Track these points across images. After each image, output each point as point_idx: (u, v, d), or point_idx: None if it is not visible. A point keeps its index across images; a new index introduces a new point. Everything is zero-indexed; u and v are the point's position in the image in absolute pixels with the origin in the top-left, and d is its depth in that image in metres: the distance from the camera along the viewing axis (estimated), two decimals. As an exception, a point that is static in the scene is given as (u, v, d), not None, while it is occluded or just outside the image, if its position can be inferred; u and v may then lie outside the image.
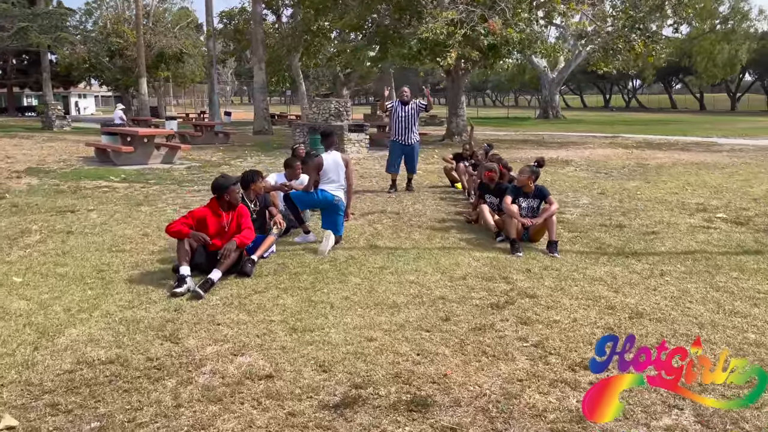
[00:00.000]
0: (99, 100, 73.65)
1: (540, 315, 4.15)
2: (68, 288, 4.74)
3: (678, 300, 4.47)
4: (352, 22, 20.85)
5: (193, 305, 4.37)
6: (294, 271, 5.22)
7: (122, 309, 4.29)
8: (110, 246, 6.05)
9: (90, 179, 11.06)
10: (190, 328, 3.96)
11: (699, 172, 12.13)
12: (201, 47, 45.50)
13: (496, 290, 4.69)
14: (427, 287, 4.75)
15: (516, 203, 6.23)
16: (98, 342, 3.74)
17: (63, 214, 7.72)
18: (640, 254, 5.78)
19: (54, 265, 5.35)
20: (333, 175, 6.23)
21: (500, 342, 3.71)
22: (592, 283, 4.85)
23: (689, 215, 7.70)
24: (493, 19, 17.16)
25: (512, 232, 5.96)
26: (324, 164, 6.22)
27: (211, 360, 3.51)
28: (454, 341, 3.72)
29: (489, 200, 6.93)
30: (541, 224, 6.00)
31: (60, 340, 3.77)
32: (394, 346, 3.63)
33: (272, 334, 3.86)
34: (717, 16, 45.65)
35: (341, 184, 6.28)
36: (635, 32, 18.73)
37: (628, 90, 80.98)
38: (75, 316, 4.17)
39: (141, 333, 3.87)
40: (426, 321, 4.04)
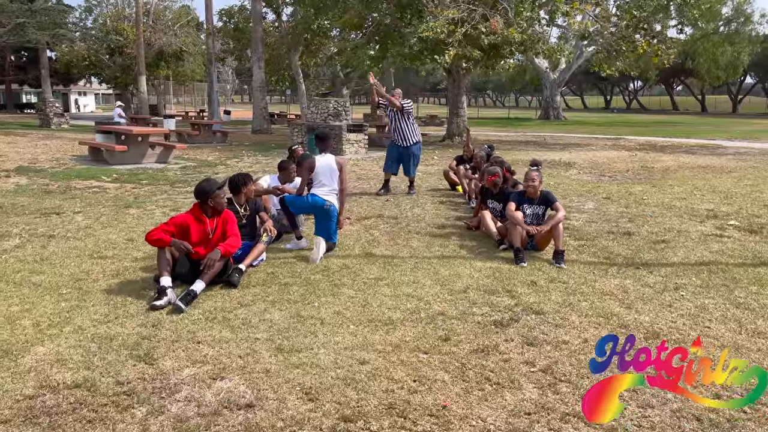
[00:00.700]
0: (99, 98, 73.34)
1: (547, 335, 3.83)
2: (41, 299, 4.42)
3: (696, 318, 4.15)
4: (353, 21, 20.52)
5: (172, 320, 4.05)
6: (284, 281, 4.90)
7: (96, 324, 3.97)
8: (92, 252, 5.73)
9: (81, 179, 10.75)
10: (168, 346, 3.64)
11: (706, 176, 11.80)
12: (201, 45, 45.16)
13: (500, 305, 4.37)
14: (425, 301, 4.43)
15: (520, 210, 5.91)
16: (66, 362, 3.42)
17: (47, 216, 7.40)
18: (651, 265, 5.46)
19: (29, 273, 5.04)
20: (324, 179, 5.91)
21: (505, 366, 3.39)
22: (603, 298, 4.53)
23: (700, 222, 7.38)
24: (494, 18, 16.84)
25: (516, 240, 5.63)
26: (316, 167, 5.90)
27: (188, 384, 3.19)
28: (454, 365, 3.40)
29: (492, 206, 6.61)
30: (547, 232, 5.68)
31: (24, 360, 3.46)
32: (389, 371, 3.31)
33: (256, 354, 3.54)
34: (720, 18, 45.32)
35: (333, 188, 5.96)
36: (639, 32, 18.41)
37: (629, 91, 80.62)
38: (44, 331, 3.85)
39: (113, 352, 3.55)
40: (424, 341, 3.72)
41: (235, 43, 33.03)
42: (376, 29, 21.54)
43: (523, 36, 17.22)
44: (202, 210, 4.79)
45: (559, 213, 5.70)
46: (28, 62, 47.23)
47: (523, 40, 17.33)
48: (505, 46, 17.63)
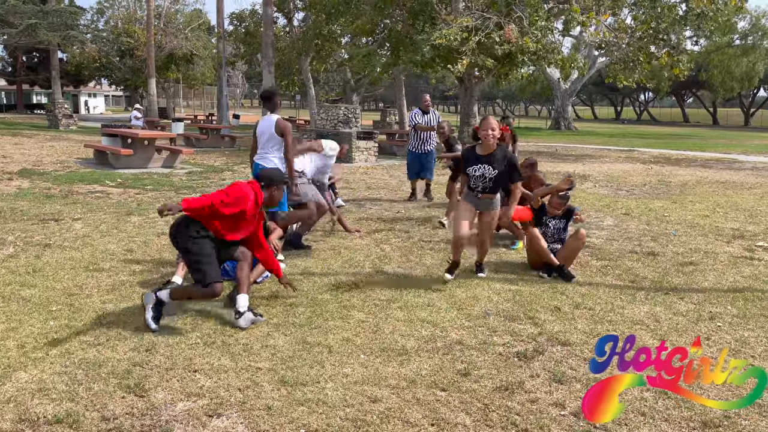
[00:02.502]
0: (109, 100, 73.51)
1: (576, 370, 3.50)
2: (29, 316, 4.12)
3: (737, 353, 3.80)
4: (365, 27, 20.32)
5: (168, 344, 3.74)
6: (289, 301, 4.58)
7: (85, 346, 3.66)
8: (88, 264, 5.44)
9: (84, 183, 10.50)
10: (161, 375, 3.33)
11: (726, 192, 11.42)
12: (212, 49, 45.14)
13: (522, 334, 4.04)
14: (441, 327, 4.10)
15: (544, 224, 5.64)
16: (48, 392, 3.11)
17: (45, 222, 7.13)
18: (681, 290, 5.11)
19: (20, 286, 4.74)
20: (263, 142, 5.63)
21: (532, 408, 3.05)
22: (633, 328, 4.19)
23: (726, 242, 7.02)
24: (509, 27, 16.55)
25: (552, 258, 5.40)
26: (257, 129, 5.64)
27: (181, 422, 2.88)
28: (476, 406, 3.06)
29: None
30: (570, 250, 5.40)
31: (5, 388, 3.15)
32: (404, 412, 2.98)
33: (257, 387, 3.22)
34: (736, 31, 44.88)
35: (275, 153, 5.63)
36: (657, 44, 18.07)
37: (639, 102, 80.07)
38: (29, 354, 3.55)
39: (101, 381, 3.24)
40: (441, 375, 3.39)
41: (246, 47, 32.89)
42: (388, 36, 21.32)
43: (538, 45, 16.92)
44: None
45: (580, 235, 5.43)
46: (39, 63, 47.31)
47: (537, 49, 17.03)
48: (519, 56, 17.34)
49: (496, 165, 4.92)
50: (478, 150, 5.02)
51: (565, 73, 27.81)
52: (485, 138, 4.90)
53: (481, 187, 5.01)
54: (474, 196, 5.08)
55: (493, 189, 5.03)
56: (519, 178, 5.08)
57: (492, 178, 4.95)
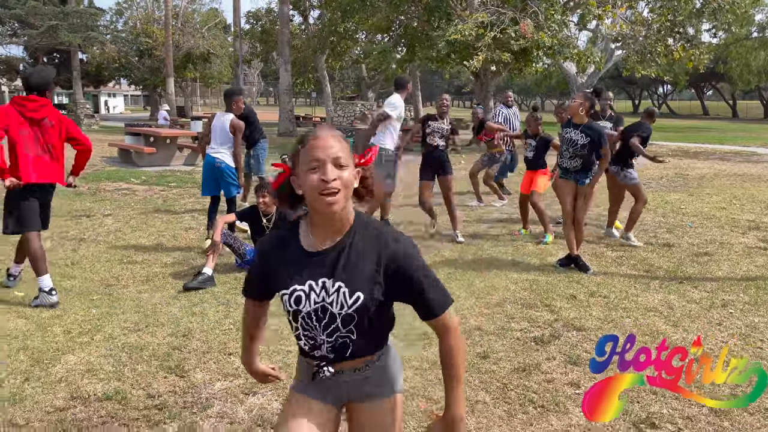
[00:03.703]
0: (128, 99, 74.44)
1: (591, 353, 3.66)
2: (72, 305, 4.38)
3: (747, 338, 3.95)
4: (380, 24, 20.49)
5: (203, 329, 3.97)
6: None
7: (126, 332, 3.91)
8: (122, 256, 5.70)
9: (110, 181, 10.81)
10: (198, 358, 3.56)
11: (744, 185, 11.45)
12: (228, 48, 45.56)
13: (539, 320, 4.21)
14: (461, 315, 4.29)
15: None
16: (96, 373, 3.36)
17: (78, 219, 7.42)
18: (695, 279, 5.24)
19: (60, 278, 5.01)
20: (216, 137, 6.09)
21: (548, 388, 3.23)
22: (647, 314, 4.34)
23: (742, 234, 7.11)
24: (524, 22, 16.62)
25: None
26: (213, 123, 6.17)
27: (219, 399, 3.10)
28: (495, 385, 3.25)
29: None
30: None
31: (55, 369, 3.40)
32: (427, 390, 3.18)
33: (289, 368, 3.43)
34: (754, 23, 44.31)
35: (226, 146, 6.06)
36: (674, 36, 18.03)
37: (658, 95, 79.32)
38: (75, 339, 3.80)
39: (144, 362, 3.48)
40: (462, 357, 3.58)
41: (262, 45, 33.25)
42: (404, 32, 21.46)
43: (553, 40, 16.97)
44: None
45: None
46: (59, 64, 48.05)
47: (553, 44, 17.08)
48: (535, 51, 17.40)
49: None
50: None
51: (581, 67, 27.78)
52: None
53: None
54: None
55: None
56: None
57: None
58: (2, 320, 4.07)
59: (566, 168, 5.58)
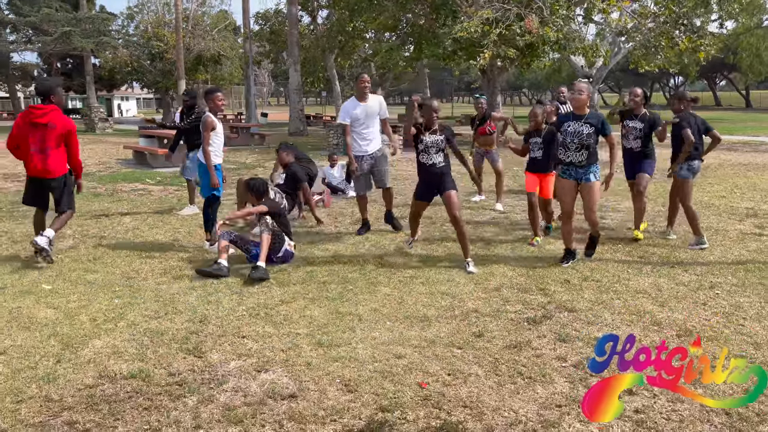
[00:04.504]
0: (141, 102, 75.25)
1: (580, 332, 3.92)
2: (96, 296, 4.70)
3: (730, 316, 4.17)
4: (387, 23, 20.72)
5: (218, 316, 4.27)
6: (322, 279, 5.08)
7: (147, 319, 4.21)
8: (140, 252, 6.02)
9: (127, 182, 11.18)
10: (214, 341, 3.86)
11: (747, 174, 11.59)
12: (239, 49, 45.99)
13: (533, 303, 4.46)
14: (459, 299, 4.55)
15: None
16: (122, 355, 3.66)
17: (98, 218, 7.75)
18: (687, 264, 5.47)
19: (84, 272, 5.34)
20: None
21: (537, 361, 3.49)
22: (636, 296, 4.58)
23: (739, 221, 7.30)
24: (530, 17, 16.78)
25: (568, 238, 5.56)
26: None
27: (234, 376, 3.39)
28: (487, 360, 3.52)
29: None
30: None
31: (84, 352, 3.71)
32: (424, 365, 3.45)
33: (298, 348, 3.72)
34: (765, 11, 43.94)
35: None
36: (678, 28, 18.10)
37: (669, 87, 78.80)
38: (100, 326, 4.11)
39: (165, 345, 3.78)
40: (458, 337, 3.85)
41: (271, 46, 33.59)
42: (411, 30, 21.68)
43: (559, 35, 17.12)
44: None
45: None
46: (73, 69, 48.79)
47: (558, 38, 17.23)
48: (541, 45, 17.56)
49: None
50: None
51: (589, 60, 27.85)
52: None
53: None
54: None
55: None
56: None
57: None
58: (33, 310, 4.39)
59: (570, 162, 5.38)
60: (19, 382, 3.32)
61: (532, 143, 6.27)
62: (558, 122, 5.63)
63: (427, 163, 5.46)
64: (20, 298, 4.64)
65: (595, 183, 5.39)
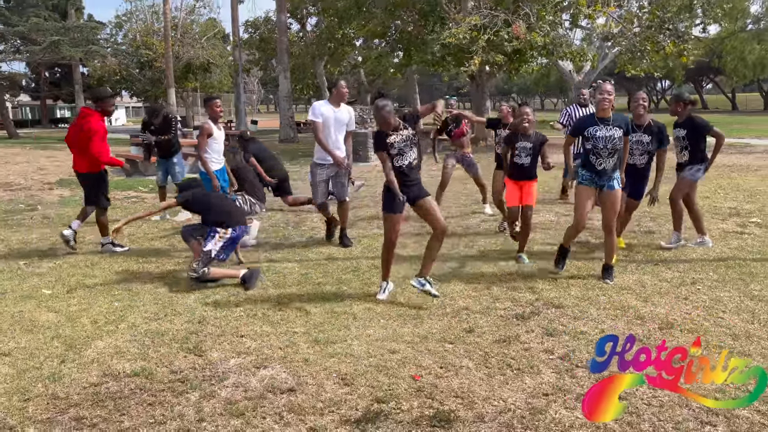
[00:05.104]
0: (130, 111, 75.07)
1: (566, 326, 4.07)
2: (96, 299, 4.81)
3: (710, 309, 4.35)
4: (376, 30, 20.94)
5: (216, 316, 4.39)
6: (317, 281, 5.21)
7: (147, 321, 4.33)
8: (137, 257, 6.13)
9: (120, 190, 11.25)
10: (214, 340, 3.98)
11: (731, 175, 11.83)
12: (228, 57, 46.08)
13: (521, 300, 4.62)
14: (450, 297, 4.70)
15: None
16: (124, 354, 3.78)
17: (93, 225, 7.82)
18: (670, 262, 5.65)
19: (83, 277, 5.44)
20: None
21: (525, 354, 3.64)
22: (621, 293, 4.74)
23: (722, 220, 7.51)
24: (517, 23, 17.05)
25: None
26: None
27: (234, 372, 3.51)
28: (478, 353, 3.66)
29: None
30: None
31: (87, 352, 3.82)
32: (417, 359, 3.59)
33: (295, 346, 3.85)
34: (749, 15, 44.63)
35: None
36: (663, 33, 18.44)
37: (656, 91, 79.64)
38: (102, 328, 4.22)
39: (165, 345, 3.90)
40: (449, 333, 3.99)
41: (261, 53, 33.74)
42: (400, 37, 21.91)
43: (546, 40, 17.39)
44: None
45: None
46: (61, 78, 48.77)
47: (545, 43, 17.51)
48: (528, 51, 17.83)
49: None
50: None
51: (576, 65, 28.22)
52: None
53: None
54: None
55: None
56: None
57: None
58: (35, 314, 4.49)
59: (603, 169, 5.00)
60: (25, 382, 3.43)
61: (519, 148, 5.70)
62: (578, 126, 5.19)
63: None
64: (21, 303, 4.75)
65: (618, 190, 5.08)
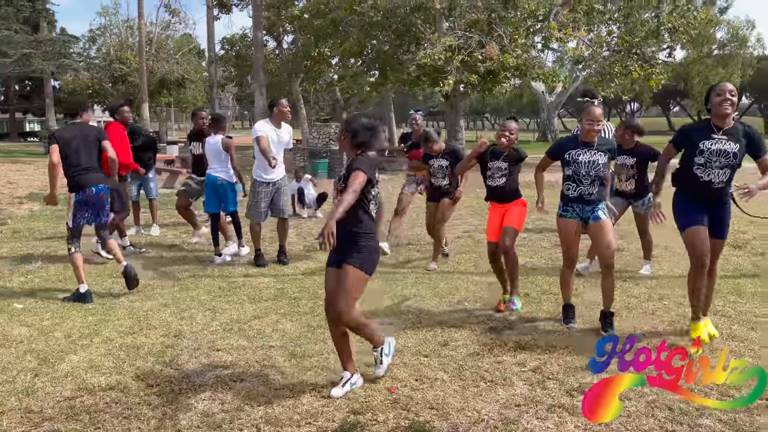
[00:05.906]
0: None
1: (538, 340, 4.17)
2: (69, 314, 4.77)
3: (675, 324, 4.50)
4: (352, 49, 21.11)
5: (192, 330, 4.39)
6: (293, 296, 5.25)
7: (123, 335, 4.31)
8: (111, 271, 6.08)
9: (91, 204, 11.11)
10: (190, 354, 3.98)
11: (697, 195, 12.17)
12: (202, 73, 45.92)
13: (495, 315, 4.71)
14: (426, 312, 4.77)
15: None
16: (99, 368, 3.76)
17: (64, 240, 7.74)
18: (638, 278, 5.81)
19: (55, 291, 5.39)
20: (212, 160, 6.70)
21: (498, 367, 3.72)
22: (590, 308, 4.87)
23: (687, 238, 7.73)
24: (490, 45, 17.39)
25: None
26: (205, 148, 6.82)
27: (211, 386, 3.52)
28: (452, 366, 3.73)
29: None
30: None
31: (61, 366, 3.79)
32: (393, 372, 3.65)
33: (271, 359, 3.87)
34: (715, 42, 46.16)
35: (223, 167, 6.70)
36: (632, 57, 18.97)
37: (626, 113, 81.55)
38: (76, 342, 4.19)
39: (141, 359, 3.89)
40: (425, 346, 4.06)
41: (237, 70, 33.73)
42: (375, 56, 22.14)
43: (518, 61, 17.75)
44: None
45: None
46: (32, 91, 47.99)
47: (518, 64, 17.86)
48: (502, 72, 18.17)
49: None
50: None
51: (549, 86, 28.85)
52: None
53: None
54: None
55: None
56: None
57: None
58: (7, 328, 4.44)
59: (580, 197, 4.60)
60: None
61: (493, 168, 5.03)
62: (557, 150, 4.79)
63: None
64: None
65: (606, 221, 4.56)
